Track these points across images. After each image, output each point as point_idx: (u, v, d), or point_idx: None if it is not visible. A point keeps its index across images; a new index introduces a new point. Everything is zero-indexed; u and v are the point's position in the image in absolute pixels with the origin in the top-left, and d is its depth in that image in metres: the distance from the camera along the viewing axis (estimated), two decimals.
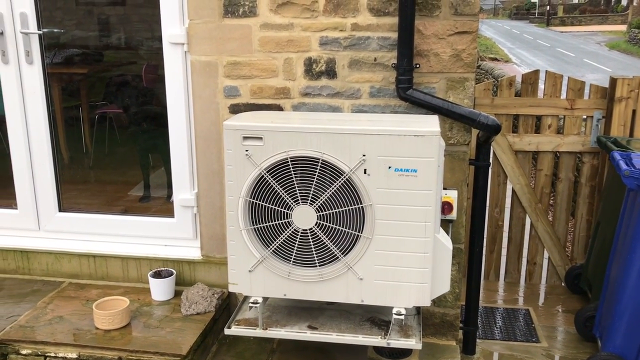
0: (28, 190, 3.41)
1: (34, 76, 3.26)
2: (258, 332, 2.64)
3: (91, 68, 4.72)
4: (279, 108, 2.95)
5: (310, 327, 2.65)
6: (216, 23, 2.90)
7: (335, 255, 2.50)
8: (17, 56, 3.24)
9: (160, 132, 3.35)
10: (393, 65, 2.79)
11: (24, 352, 2.78)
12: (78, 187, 4.03)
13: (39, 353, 2.77)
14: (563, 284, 4.08)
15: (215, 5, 2.88)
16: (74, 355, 2.73)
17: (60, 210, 3.45)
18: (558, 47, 29.12)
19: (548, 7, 50.79)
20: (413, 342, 2.56)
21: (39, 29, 3.20)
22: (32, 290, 3.27)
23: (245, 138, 2.47)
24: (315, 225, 2.48)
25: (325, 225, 2.47)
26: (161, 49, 3.08)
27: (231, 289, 2.65)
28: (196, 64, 2.98)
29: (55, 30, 3.90)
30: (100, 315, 2.84)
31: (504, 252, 4.17)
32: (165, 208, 3.56)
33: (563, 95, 3.90)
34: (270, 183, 2.47)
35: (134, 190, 4.24)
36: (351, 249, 2.49)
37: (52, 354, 2.75)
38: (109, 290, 3.24)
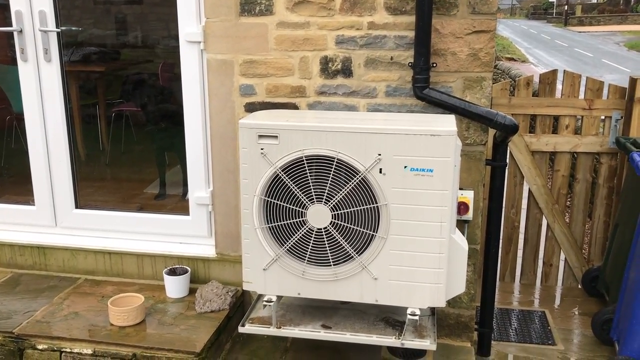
0: (45, 187, 3.44)
1: (52, 74, 3.28)
2: (272, 331, 2.64)
3: (108, 66, 4.76)
4: (294, 107, 2.95)
5: (324, 327, 2.65)
6: (232, 21, 2.91)
7: (350, 254, 2.49)
8: (36, 54, 3.27)
9: (176, 130, 3.37)
10: (410, 64, 2.77)
11: (40, 347, 2.81)
12: (94, 184, 4.07)
13: (55, 348, 2.79)
14: (580, 286, 4.04)
15: (231, 4, 2.89)
16: (89, 351, 2.75)
17: (76, 207, 3.48)
18: (576, 47, 28.83)
19: (566, 7, 50.31)
20: (427, 343, 2.54)
21: (57, 26, 3.22)
22: (48, 286, 3.30)
23: (260, 136, 2.47)
24: (330, 224, 2.47)
25: (340, 224, 2.47)
26: (177, 47, 3.09)
27: (245, 287, 2.65)
28: (212, 62, 2.98)
29: (74, 28, 3.93)
30: (115, 311, 2.86)
31: (519, 253, 4.13)
32: (180, 206, 3.57)
33: (581, 96, 3.86)
34: (285, 182, 2.47)
35: (150, 187, 4.27)
36: (366, 248, 2.48)
37: (68, 350, 2.78)
38: (124, 287, 3.26)
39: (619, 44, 30.28)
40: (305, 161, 2.44)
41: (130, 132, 4.98)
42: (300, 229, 2.50)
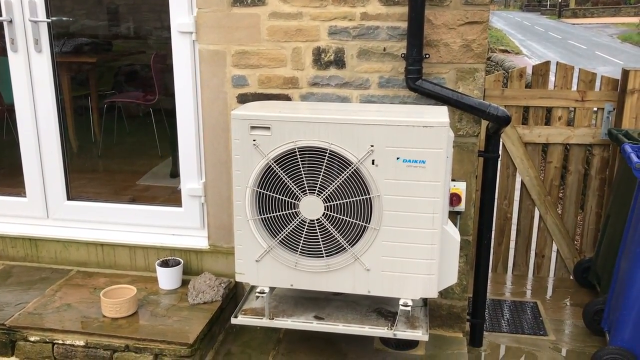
0: (37, 178, 3.42)
1: (43, 65, 3.26)
2: (264, 322, 2.64)
3: (100, 57, 4.74)
4: (287, 98, 2.94)
5: (317, 318, 2.65)
6: (225, 12, 2.89)
7: (343, 246, 2.49)
8: (26, 44, 3.24)
9: (169, 122, 3.35)
10: (402, 55, 2.76)
11: (32, 339, 2.80)
12: (87, 175, 4.05)
13: (47, 340, 2.79)
14: (571, 277, 4.06)
15: None
16: (81, 343, 2.75)
17: (68, 199, 3.46)
18: (570, 40, 28.84)
19: None
20: (419, 334, 2.55)
21: (47, 17, 3.19)
22: (40, 278, 3.29)
23: (253, 128, 2.46)
24: (323, 215, 2.47)
25: (333, 215, 2.46)
26: (170, 38, 3.07)
27: (238, 278, 2.65)
28: (204, 53, 2.97)
29: (65, 18, 3.90)
30: (108, 303, 2.85)
31: (512, 244, 4.15)
32: (173, 197, 3.56)
33: (574, 87, 3.86)
34: (277, 173, 2.47)
35: (142, 179, 4.26)
36: (358, 239, 2.48)
37: (60, 341, 2.77)
38: (117, 279, 3.25)
39: (613, 36, 30.32)
40: (297, 152, 2.43)
41: (123, 124, 4.96)
42: (293, 220, 2.50)
